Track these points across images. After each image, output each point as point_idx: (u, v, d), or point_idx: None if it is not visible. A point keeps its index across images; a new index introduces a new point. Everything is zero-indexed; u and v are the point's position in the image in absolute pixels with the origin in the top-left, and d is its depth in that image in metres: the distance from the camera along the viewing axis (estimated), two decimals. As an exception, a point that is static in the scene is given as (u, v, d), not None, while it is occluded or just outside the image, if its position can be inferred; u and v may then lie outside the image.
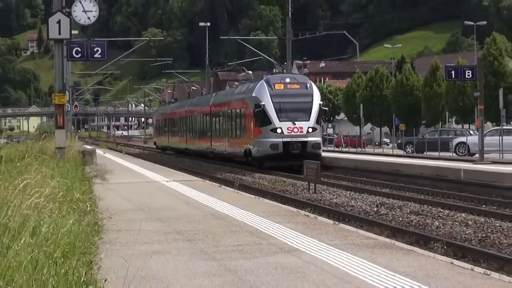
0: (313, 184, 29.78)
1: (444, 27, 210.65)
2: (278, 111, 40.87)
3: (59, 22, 26.57)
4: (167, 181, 30.28)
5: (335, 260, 11.67)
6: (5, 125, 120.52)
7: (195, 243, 13.79)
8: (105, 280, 8.48)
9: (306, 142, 40.28)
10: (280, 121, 40.44)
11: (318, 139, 42.96)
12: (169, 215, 18.78)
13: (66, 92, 31.47)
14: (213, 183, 31.12)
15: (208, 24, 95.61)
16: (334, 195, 29.05)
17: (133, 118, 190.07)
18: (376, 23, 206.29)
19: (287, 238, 14.53)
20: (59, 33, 26.89)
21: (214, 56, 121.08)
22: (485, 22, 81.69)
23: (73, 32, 29.02)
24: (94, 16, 28.89)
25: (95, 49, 28.20)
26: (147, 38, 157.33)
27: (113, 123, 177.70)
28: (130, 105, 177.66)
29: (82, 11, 28.04)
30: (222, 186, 28.55)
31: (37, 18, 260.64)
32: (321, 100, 46.80)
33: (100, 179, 29.46)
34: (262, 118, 41.75)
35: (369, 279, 9.95)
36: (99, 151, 54.12)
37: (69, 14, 27.57)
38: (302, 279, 10.05)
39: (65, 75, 30.19)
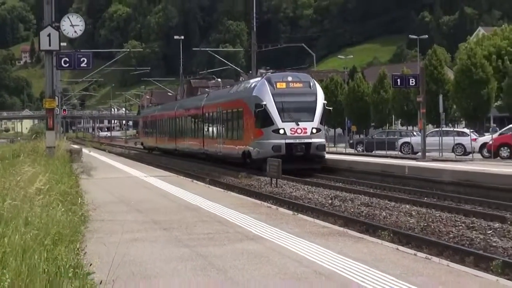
0: (275, 180, 29.95)
1: (390, 41, 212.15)
2: (281, 111, 34.58)
3: (49, 35, 26.81)
4: (145, 177, 29.94)
5: (294, 247, 11.71)
6: (1, 127, 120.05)
7: (171, 232, 13.77)
8: (90, 265, 8.35)
9: (310, 143, 34.14)
10: (282, 121, 34.27)
11: (322, 140, 36.35)
12: (147, 206, 18.64)
13: (56, 97, 31.78)
14: (186, 178, 30.78)
15: (182, 37, 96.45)
16: (293, 189, 29.18)
17: (115, 121, 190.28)
18: (331, 36, 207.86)
19: (251, 227, 14.61)
20: (50, 45, 27.07)
21: (187, 66, 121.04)
22: (426, 36, 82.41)
23: (61, 44, 29.54)
24: (80, 30, 29.23)
25: (81, 59, 28.48)
26: (128, 50, 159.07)
27: (98, 125, 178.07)
28: (112, 109, 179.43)
29: (70, 25, 28.37)
30: (194, 181, 28.32)
31: (29, 32, 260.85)
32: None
33: (86, 174, 29.12)
34: (263, 118, 35.32)
35: (325, 263, 9.96)
36: (85, 150, 53.08)
37: (58, 28, 27.83)
38: (266, 263, 10.07)
39: (55, 82, 30.03)
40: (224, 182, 32.59)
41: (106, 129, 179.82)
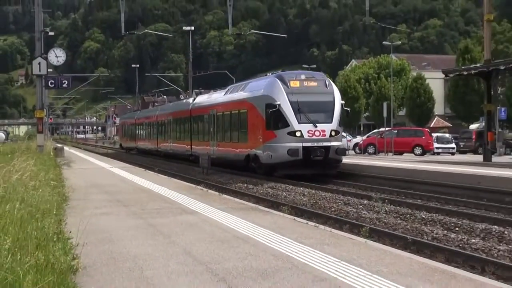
0: (206, 170, 28.60)
1: (288, 69, 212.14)
2: (297, 112, 23.35)
3: (39, 63, 27.72)
4: (111, 167, 29.38)
5: (220, 219, 11.72)
6: (4, 131, 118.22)
7: (129, 207, 13.59)
8: (70, 232, 8.48)
9: (329, 147, 23.37)
10: (299, 123, 23.20)
11: (341, 143, 25.60)
12: (111, 189, 18.24)
13: (44, 109, 32.82)
14: (141, 169, 30.25)
15: (138, 65, 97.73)
16: (219, 176, 28.38)
17: (88, 126, 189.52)
18: (246, 66, 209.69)
19: (189, 204, 14.43)
20: (39, 71, 28.16)
21: (141, 86, 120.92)
22: (315, 66, 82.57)
23: (48, 70, 30.68)
24: (62, 60, 30.37)
25: (63, 81, 30.16)
26: (98, 75, 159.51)
27: (75, 129, 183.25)
28: (86, 118, 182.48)
29: (55, 56, 29.24)
30: (146, 170, 27.85)
31: (25, 61, 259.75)
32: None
33: (66, 166, 28.34)
34: (276, 119, 23.71)
35: (242, 230, 10.05)
36: (66, 148, 51.84)
37: (46, 58, 28.89)
38: (198, 230, 10.11)
39: (43, 98, 31.09)
40: (169, 171, 30.19)
41: (82, 133, 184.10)
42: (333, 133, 22.18)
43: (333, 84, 25.52)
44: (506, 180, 17.30)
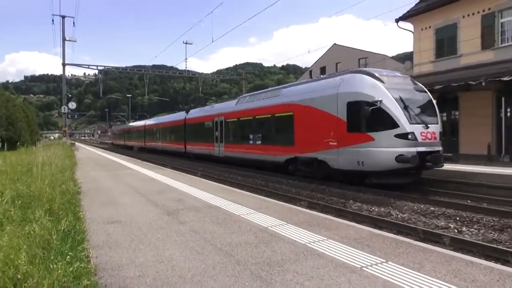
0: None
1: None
2: (404, 110, 11.87)
3: (64, 108, 31.13)
4: (95, 150, 32.21)
5: (144, 171, 13.89)
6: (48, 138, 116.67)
7: (106, 167, 15.75)
8: (77, 178, 10.92)
9: (439, 151, 12.44)
10: (410, 123, 11.73)
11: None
12: (98, 160, 20.45)
13: (66, 126, 33.63)
14: (118, 153, 32.62)
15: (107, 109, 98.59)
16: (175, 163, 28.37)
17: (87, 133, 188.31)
18: (154, 113, 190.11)
19: (129, 165, 16.33)
20: (64, 111, 31.38)
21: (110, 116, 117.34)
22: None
23: (68, 111, 32.13)
24: (74, 106, 32.91)
25: (74, 116, 35.00)
26: (90, 113, 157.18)
27: (81, 136, 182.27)
28: (86, 130, 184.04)
29: (71, 105, 32.15)
30: (122, 154, 29.90)
31: (58, 105, 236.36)
32: None
33: (76, 150, 30.81)
34: (375, 119, 11.79)
35: (153, 176, 12.07)
36: (77, 143, 52.66)
37: (66, 105, 31.37)
38: (134, 176, 12.49)
39: (65, 122, 32.94)
40: (142, 158, 27.14)
41: (84, 136, 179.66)
42: (440, 136, 12.74)
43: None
44: None
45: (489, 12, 18.30)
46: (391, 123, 11.54)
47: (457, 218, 8.15)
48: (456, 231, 7.32)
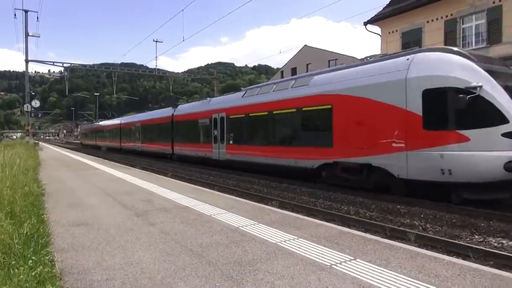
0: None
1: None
2: None
3: (27, 107, 30.77)
4: (62, 151, 31.24)
5: (111, 171, 13.70)
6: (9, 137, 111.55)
7: (71, 167, 15.47)
8: (41, 178, 10.68)
9: None
10: None
11: None
12: (62, 160, 20.05)
13: (29, 125, 33.39)
14: (82, 153, 32.12)
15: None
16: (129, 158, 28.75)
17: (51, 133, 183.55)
18: (123, 112, 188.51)
19: (98, 165, 16.09)
20: (27, 109, 31.08)
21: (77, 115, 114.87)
22: None
23: (31, 109, 31.71)
24: (37, 104, 32.08)
25: (38, 114, 34.98)
26: (55, 111, 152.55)
27: (46, 135, 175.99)
28: (51, 129, 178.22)
29: (34, 103, 31.52)
30: (94, 156, 29.66)
31: (21, 104, 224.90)
32: None
33: (40, 150, 30.00)
34: (476, 112, 8.03)
35: (118, 175, 12.09)
36: (41, 143, 52.73)
37: (30, 103, 30.88)
38: (100, 176, 12.25)
39: (29, 120, 32.00)
40: (104, 157, 27.27)
41: (50, 136, 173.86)
42: None
43: None
44: None
45: (451, 18, 19.11)
46: (497, 118, 8.20)
47: (422, 216, 8.36)
48: (420, 228, 7.52)
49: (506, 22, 16.70)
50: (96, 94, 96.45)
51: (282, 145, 13.95)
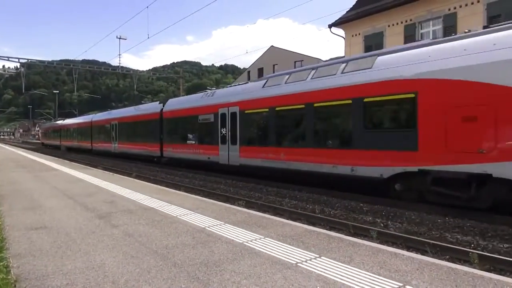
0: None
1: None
2: None
3: None
4: (17, 150, 29.99)
5: (69, 171, 13.49)
6: None
7: (27, 168, 14.96)
8: None
9: None
10: None
11: None
12: (23, 163, 19.23)
13: None
14: (35, 151, 31.06)
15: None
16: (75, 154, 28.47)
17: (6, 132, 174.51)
18: (85, 111, 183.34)
19: (55, 165, 15.76)
20: None
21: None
22: None
23: None
24: None
25: None
26: (11, 109, 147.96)
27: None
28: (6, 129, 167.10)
29: None
30: (53, 157, 28.74)
31: None
32: None
33: None
34: None
35: (79, 176, 11.80)
36: None
37: None
38: (59, 177, 11.97)
39: None
40: (64, 157, 26.94)
41: (5, 135, 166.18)
42: None
43: None
44: None
45: (411, 23, 19.91)
46: None
47: (383, 213, 8.58)
48: (382, 225, 7.71)
49: (460, 28, 17.62)
50: (56, 91, 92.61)
51: (329, 147, 10.73)
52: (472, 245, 6.37)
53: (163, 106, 21.00)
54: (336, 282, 3.64)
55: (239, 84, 16.55)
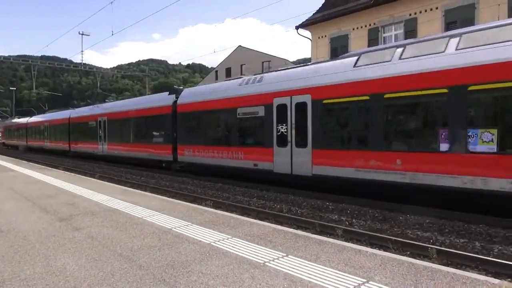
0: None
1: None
2: None
3: None
4: None
5: (28, 173, 13.11)
6: None
7: None
8: None
9: None
10: None
11: None
12: None
13: None
14: (5, 155, 29.63)
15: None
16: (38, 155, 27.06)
17: None
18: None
19: (12, 166, 15.55)
20: None
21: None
22: None
23: None
24: None
25: None
26: None
27: None
28: None
29: None
30: (9, 157, 27.42)
31: None
32: None
33: None
34: None
35: (36, 176, 11.65)
36: None
37: None
38: (17, 179, 11.72)
39: None
40: (22, 157, 27.04)
41: None
42: None
43: None
44: None
45: (374, 27, 20.56)
46: None
47: (348, 212, 8.79)
48: (347, 223, 7.88)
49: (420, 33, 18.38)
50: (12, 88, 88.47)
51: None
52: (431, 241, 6.62)
53: (176, 97, 16.82)
54: (302, 280, 3.68)
55: (308, 64, 11.98)
